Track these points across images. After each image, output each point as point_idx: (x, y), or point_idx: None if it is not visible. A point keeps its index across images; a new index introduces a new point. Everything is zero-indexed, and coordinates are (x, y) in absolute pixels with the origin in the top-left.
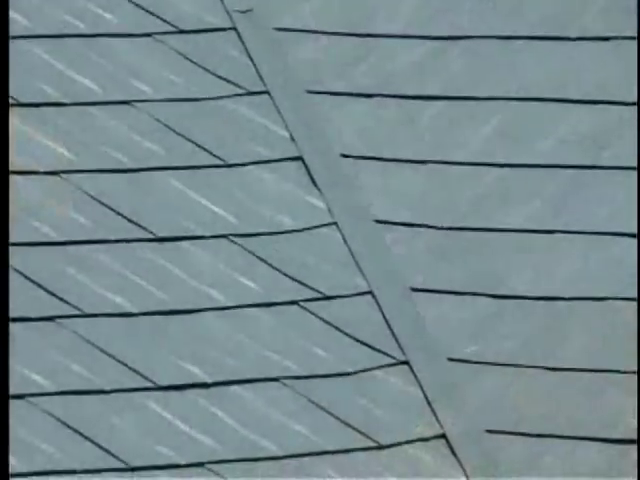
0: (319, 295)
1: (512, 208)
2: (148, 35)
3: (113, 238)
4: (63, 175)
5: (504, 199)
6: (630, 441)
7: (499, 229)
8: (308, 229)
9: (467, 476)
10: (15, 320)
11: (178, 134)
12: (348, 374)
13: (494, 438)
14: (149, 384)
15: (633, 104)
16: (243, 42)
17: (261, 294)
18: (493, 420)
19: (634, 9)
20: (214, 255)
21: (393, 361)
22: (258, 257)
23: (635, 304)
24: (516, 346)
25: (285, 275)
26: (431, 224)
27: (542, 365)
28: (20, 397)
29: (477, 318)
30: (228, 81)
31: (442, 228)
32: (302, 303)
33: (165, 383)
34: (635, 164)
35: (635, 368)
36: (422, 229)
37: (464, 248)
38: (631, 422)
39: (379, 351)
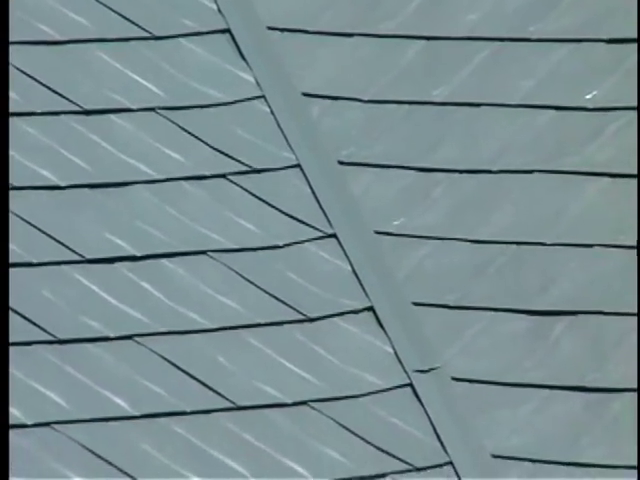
0: (247, 168)
1: (438, 80)
2: None
3: (40, 111)
4: None
5: (430, 71)
6: (552, 312)
7: (425, 102)
8: (236, 102)
9: (394, 347)
10: None
11: (105, 6)
12: (276, 247)
13: (419, 310)
14: (77, 257)
15: None
16: None
17: (189, 167)
18: (419, 292)
19: None
20: (142, 128)
21: (321, 234)
22: (186, 130)
23: (558, 176)
24: (442, 219)
25: (213, 148)
26: (357, 97)
27: (468, 238)
28: None
29: (403, 191)
30: None
31: (368, 101)
32: (230, 176)
33: (93, 256)
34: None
35: (555, 240)
36: (348, 102)
37: (390, 120)
38: (553, 293)
39: (307, 224)
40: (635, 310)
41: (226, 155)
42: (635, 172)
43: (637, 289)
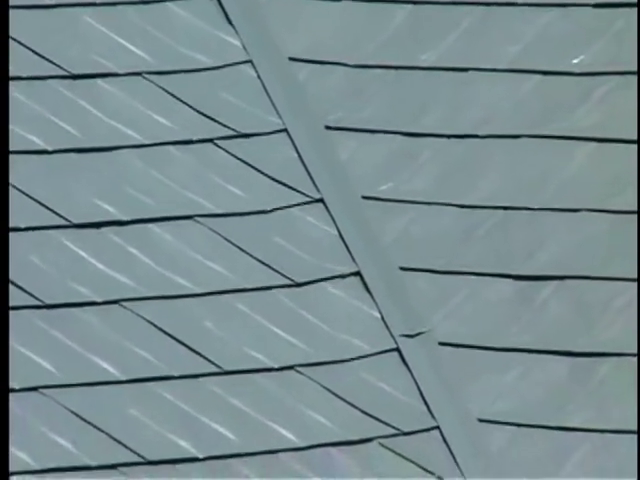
0: (234, 133)
1: (425, 45)
2: None
3: (26, 75)
4: None
5: (417, 36)
6: (538, 277)
7: (412, 66)
8: (223, 67)
9: (380, 312)
10: None
11: None
12: (263, 212)
13: (406, 275)
14: (64, 222)
15: None
16: None
17: (176, 132)
18: (406, 257)
19: None
20: (129, 93)
21: (308, 199)
22: (173, 95)
23: (545, 141)
24: (429, 184)
25: (200, 113)
26: (344, 62)
27: (455, 203)
28: None
29: (391, 156)
30: None
31: (355, 66)
32: (217, 141)
33: (81, 221)
34: None
35: (541, 205)
36: (335, 66)
37: (377, 85)
38: (539, 258)
39: (294, 189)
40: (620, 275)
41: (213, 120)
42: (622, 137)
43: (637, 254)
